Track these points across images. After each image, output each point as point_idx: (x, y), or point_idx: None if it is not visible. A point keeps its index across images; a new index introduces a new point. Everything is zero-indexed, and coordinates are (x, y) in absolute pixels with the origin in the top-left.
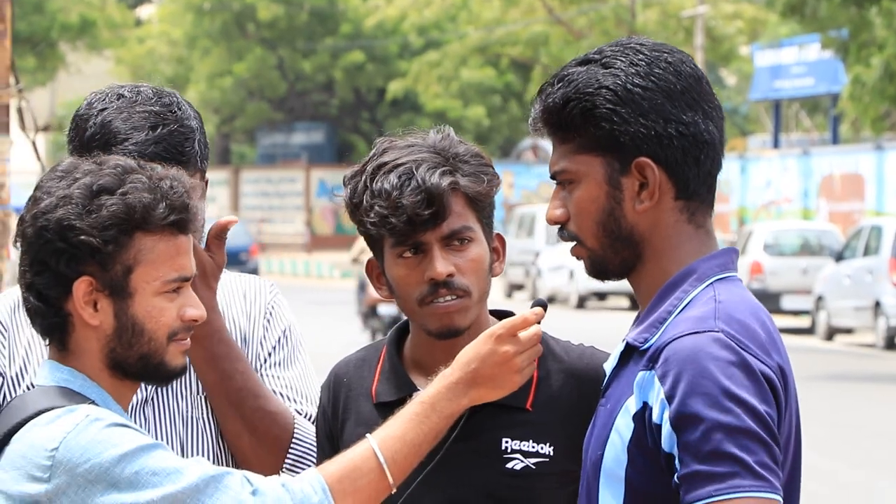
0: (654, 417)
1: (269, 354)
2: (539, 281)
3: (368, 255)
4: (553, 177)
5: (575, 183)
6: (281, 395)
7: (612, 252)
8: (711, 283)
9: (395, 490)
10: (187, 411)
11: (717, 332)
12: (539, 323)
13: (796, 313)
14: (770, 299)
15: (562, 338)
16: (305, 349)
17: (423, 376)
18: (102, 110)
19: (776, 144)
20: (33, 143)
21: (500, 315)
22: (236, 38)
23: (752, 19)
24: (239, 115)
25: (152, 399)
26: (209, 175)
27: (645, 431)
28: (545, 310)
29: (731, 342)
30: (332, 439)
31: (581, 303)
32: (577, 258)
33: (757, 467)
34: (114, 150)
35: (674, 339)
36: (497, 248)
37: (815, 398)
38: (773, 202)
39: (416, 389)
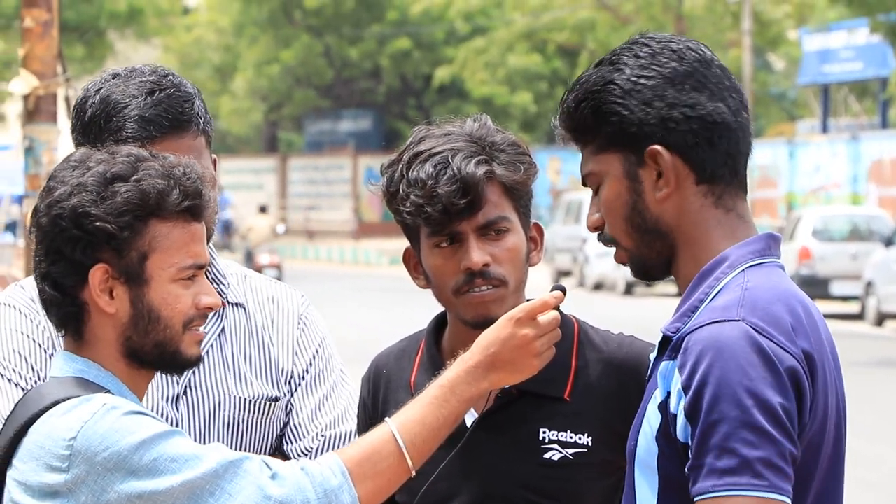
0: (672, 407)
1: (306, 371)
2: (586, 267)
3: (255, 232)
4: (584, 182)
5: (601, 184)
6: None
7: (646, 247)
8: (743, 269)
9: (414, 474)
10: (219, 411)
11: (739, 320)
12: (558, 307)
13: (845, 299)
14: (819, 285)
15: (603, 327)
16: (338, 359)
17: None
18: (99, 90)
19: (825, 129)
20: None
21: None
22: (283, 25)
23: (800, 3)
24: (286, 103)
25: (184, 394)
26: (256, 163)
27: (668, 422)
28: (564, 294)
29: (751, 331)
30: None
31: (629, 289)
32: (621, 263)
33: (758, 465)
34: (114, 120)
35: (695, 329)
36: (535, 238)
37: (865, 384)
38: (822, 187)
39: None
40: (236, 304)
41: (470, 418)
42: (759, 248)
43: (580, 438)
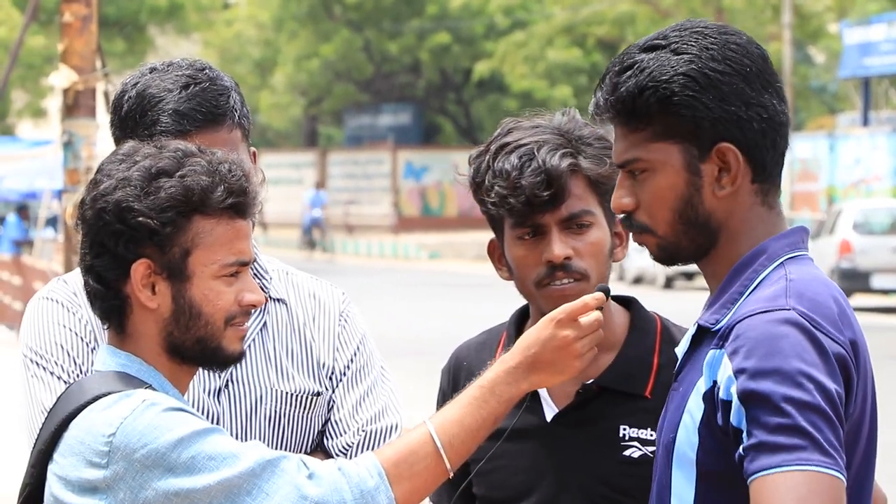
0: (722, 394)
1: (347, 367)
2: (626, 261)
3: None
4: (622, 165)
5: (649, 171)
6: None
7: (687, 239)
8: (782, 262)
9: (451, 475)
10: (261, 405)
11: (789, 309)
12: (601, 308)
13: (886, 292)
14: (859, 278)
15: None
16: (378, 355)
17: None
18: (136, 84)
19: (865, 122)
20: None
21: (624, 301)
22: (323, 20)
23: None
24: (326, 97)
25: (226, 387)
26: (296, 157)
27: (715, 411)
28: (608, 296)
29: (802, 320)
30: None
31: (668, 283)
32: (642, 245)
33: (826, 445)
34: (149, 114)
35: (745, 318)
36: (620, 233)
37: None
38: (863, 180)
39: None
40: (278, 300)
41: (550, 413)
42: (795, 241)
43: None
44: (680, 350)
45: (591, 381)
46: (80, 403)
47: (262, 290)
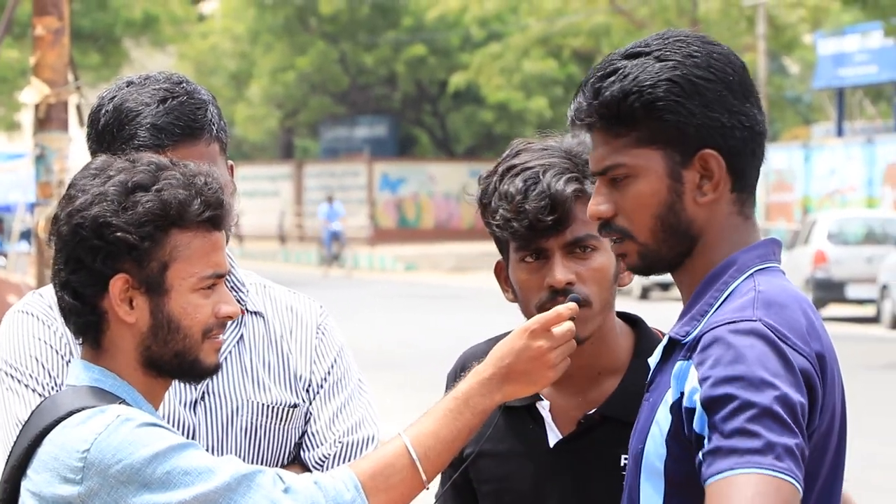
0: (686, 402)
1: (324, 379)
2: None
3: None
4: (602, 172)
5: (631, 177)
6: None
7: (667, 247)
8: (752, 274)
9: (427, 488)
10: (237, 416)
11: (756, 320)
12: (573, 319)
13: (861, 302)
14: (834, 288)
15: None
16: (356, 368)
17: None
18: (113, 98)
19: (840, 133)
20: None
21: (630, 319)
22: (298, 32)
23: (815, 7)
24: (302, 110)
25: (202, 399)
26: (272, 169)
27: (681, 422)
28: (581, 305)
29: (768, 331)
30: None
31: (644, 293)
32: (621, 254)
33: (780, 449)
34: (127, 128)
35: (712, 329)
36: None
37: (880, 387)
38: (838, 191)
39: (538, 398)
40: (255, 313)
41: (553, 439)
42: (765, 253)
43: None
44: (652, 361)
45: (594, 410)
46: (53, 419)
47: (239, 302)
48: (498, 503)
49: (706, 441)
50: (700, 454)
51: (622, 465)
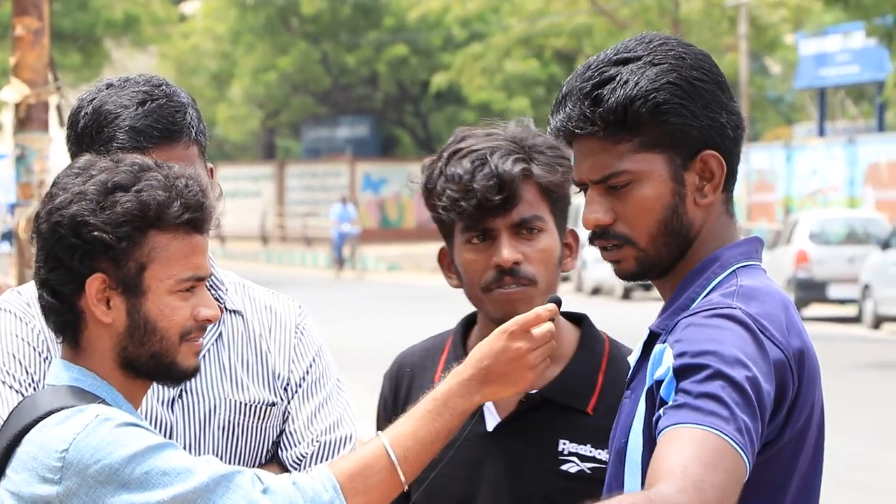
0: (658, 375)
1: (302, 378)
2: (584, 272)
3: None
4: (602, 180)
5: (635, 182)
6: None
7: (667, 251)
8: (734, 270)
9: (406, 488)
10: (214, 415)
11: (735, 308)
12: (553, 319)
13: (843, 302)
14: (816, 288)
15: (619, 338)
16: (335, 368)
17: None
18: (92, 100)
19: (821, 133)
20: None
21: (575, 318)
22: (280, 32)
23: (797, 7)
24: (283, 110)
25: (179, 398)
26: (254, 170)
27: (654, 405)
28: (559, 306)
29: (747, 319)
30: None
31: (626, 294)
32: (617, 261)
33: (742, 424)
34: (105, 131)
35: (690, 315)
36: (570, 244)
37: (862, 387)
38: (819, 191)
39: None
40: (234, 311)
41: (492, 423)
42: (748, 251)
43: (599, 454)
44: (633, 358)
45: (536, 391)
46: (32, 419)
47: (218, 301)
48: (434, 489)
49: (670, 402)
50: (661, 410)
51: (560, 449)
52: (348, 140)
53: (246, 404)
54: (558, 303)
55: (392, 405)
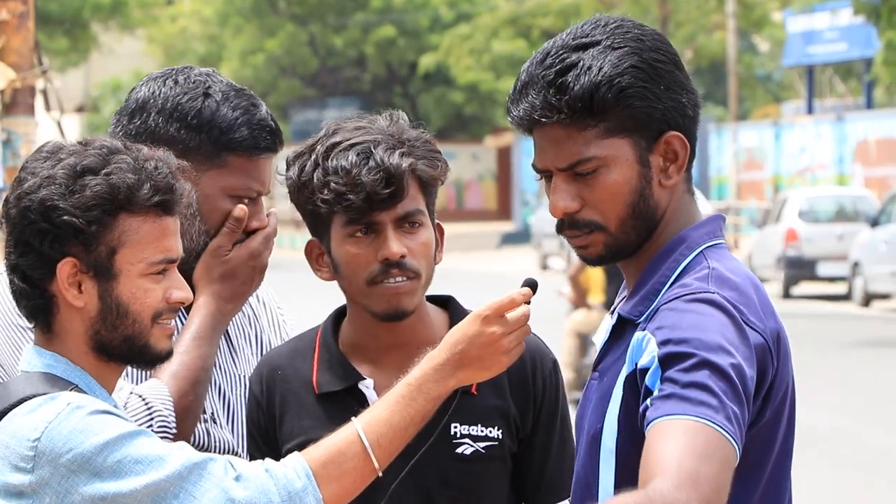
0: (642, 363)
1: None
2: (573, 253)
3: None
4: (568, 167)
5: (602, 168)
6: None
7: (635, 233)
8: (702, 250)
9: (381, 474)
10: (232, 393)
11: (714, 293)
12: (528, 303)
13: (832, 280)
14: (805, 266)
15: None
16: None
17: (364, 362)
18: (208, 90)
19: (810, 111)
20: (58, 125)
21: (440, 300)
22: (267, 15)
23: None
24: (271, 93)
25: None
26: None
27: (634, 394)
28: (535, 289)
29: (727, 303)
30: (266, 431)
31: None
32: (584, 246)
33: (731, 412)
34: (237, 132)
35: (669, 300)
36: (438, 238)
37: (852, 364)
38: (808, 169)
39: (360, 377)
40: None
41: None
42: (713, 230)
43: (490, 432)
44: (599, 339)
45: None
46: (4, 407)
47: None
48: None
49: (656, 390)
50: (647, 401)
51: (453, 433)
52: (320, 126)
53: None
54: (534, 285)
55: (266, 407)
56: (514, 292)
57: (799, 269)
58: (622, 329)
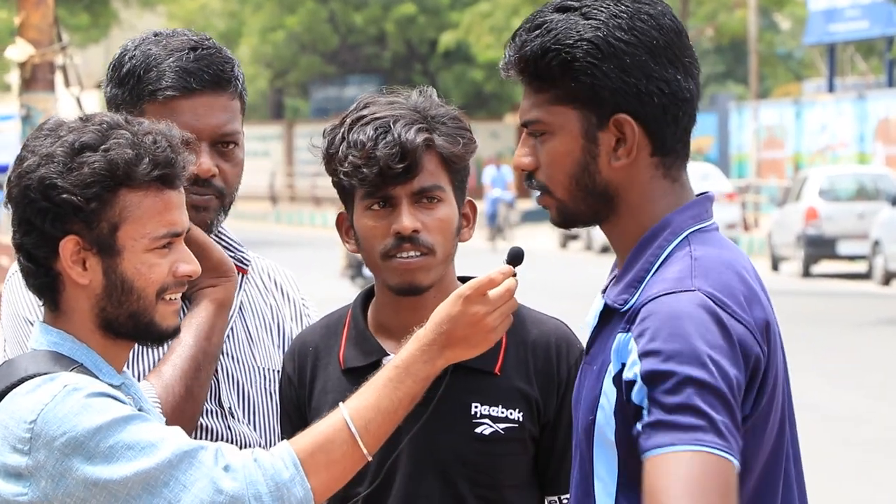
0: (627, 374)
1: None
2: (594, 230)
3: None
4: (525, 125)
5: (548, 134)
6: None
7: (585, 205)
8: (686, 236)
9: (370, 459)
10: (251, 385)
11: (694, 290)
12: (514, 276)
13: (852, 258)
14: (826, 245)
15: (540, 309)
16: None
17: (390, 339)
18: (138, 45)
19: (831, 89)
20: (77, 101)
21: (466, 281)
22: None
23: None
24: (291, 70)
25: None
26: (262, 130)
27: (622, 392)
28: (521, 260)
29: (708, 300)
30: (298, 408)
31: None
32: (544, 207)
33: (722, 427)
34: (154, 70)
35: (651, 300)
36: (467, 214)
37: (872, 343)
38: (829, 147)
39: (384, 353)
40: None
41: None
42: (698, 213)
43: (511, 413)
44: (588, 324)
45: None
46: (6, 385)
47: (243, 261)
48: None
49: (645, 413)
50: (639, 425)
51: (473, 412)
52: (356, 99)
53: (276, 371)
54: (520, 255)
55: (298, 383)
56: (493, 271)
57: (819, 247)
58: (609, 317)
